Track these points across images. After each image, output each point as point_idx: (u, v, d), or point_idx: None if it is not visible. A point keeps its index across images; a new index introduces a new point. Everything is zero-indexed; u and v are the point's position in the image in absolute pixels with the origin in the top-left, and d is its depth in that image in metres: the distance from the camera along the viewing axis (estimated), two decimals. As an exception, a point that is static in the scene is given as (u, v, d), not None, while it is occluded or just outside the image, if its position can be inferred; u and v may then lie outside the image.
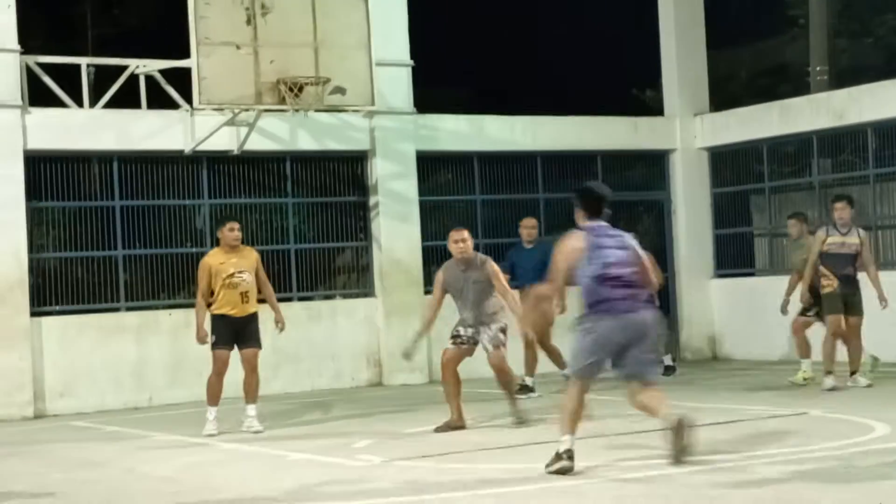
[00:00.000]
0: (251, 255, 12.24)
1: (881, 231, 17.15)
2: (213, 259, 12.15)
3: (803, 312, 14.19)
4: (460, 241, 11.61)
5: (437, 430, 11.43)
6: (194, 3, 14.32)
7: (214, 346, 12.06)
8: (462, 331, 11.69)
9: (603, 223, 8.93)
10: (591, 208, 8.96)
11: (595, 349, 8.80)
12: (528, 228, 14.78)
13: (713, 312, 18.75)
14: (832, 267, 13.53)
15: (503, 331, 11.68)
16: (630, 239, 8.99)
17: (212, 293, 12.11)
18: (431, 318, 11.79)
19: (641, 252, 8.96)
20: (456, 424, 11.49)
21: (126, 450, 11.49)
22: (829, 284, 13.54)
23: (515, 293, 12.62)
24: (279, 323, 12.30)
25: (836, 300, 13.53)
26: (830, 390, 13.14)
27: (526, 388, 13.90)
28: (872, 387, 13.35)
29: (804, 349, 14.20)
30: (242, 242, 12.32)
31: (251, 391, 12.15)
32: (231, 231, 12.11)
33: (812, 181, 17.91)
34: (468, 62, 27.07)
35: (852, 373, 13.61)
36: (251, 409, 12.16)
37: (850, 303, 13.58)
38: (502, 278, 11.68)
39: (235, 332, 12.07)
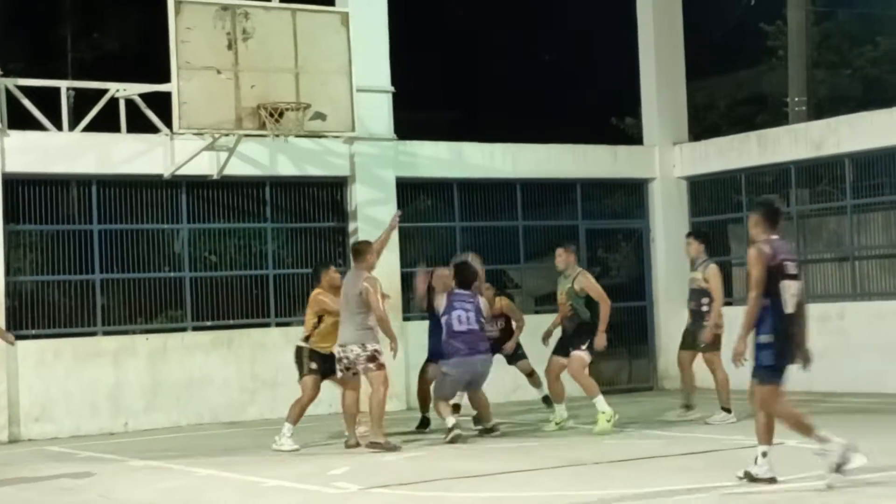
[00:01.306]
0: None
1: (857, 262, 17.23)
2: (325, 298, 12.61)
3: (558, 352, 13.45)
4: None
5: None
6: (175, 27, 14.32)
7: (314, 372, 12.61)
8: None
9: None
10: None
11: None
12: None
13: (691, 341, 18.78)
14: (688, 302, 13.88)
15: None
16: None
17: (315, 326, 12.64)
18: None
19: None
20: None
21: (101, 475, 11.40)
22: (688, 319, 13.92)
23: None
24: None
25: (685, 335, 13.94)
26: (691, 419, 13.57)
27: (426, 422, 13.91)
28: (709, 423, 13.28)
29: (559, 393, 13.47)
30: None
31: None
32: (336, 273, 12.83)
33: (790, 211, 17.99)
34: (448, 89, 27.17)
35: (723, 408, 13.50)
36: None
37: (696, 338, 13.69)
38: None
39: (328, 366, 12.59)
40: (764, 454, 8.93)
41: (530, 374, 14.76)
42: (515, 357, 14.76)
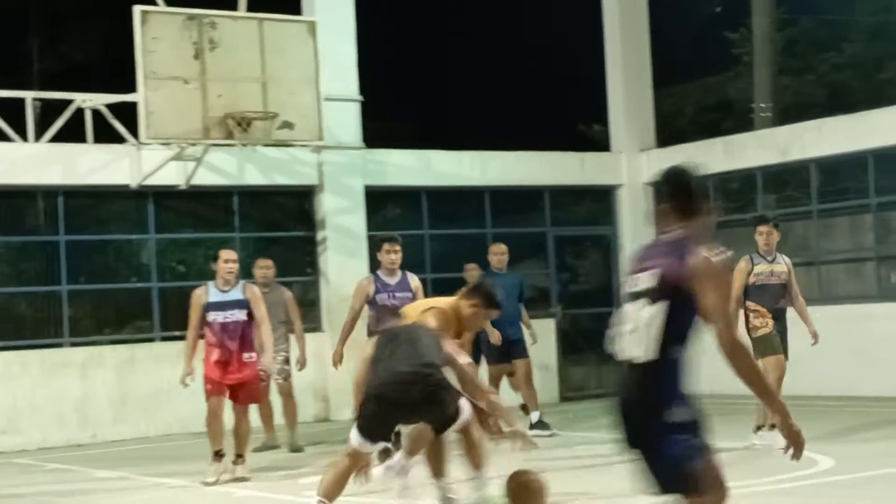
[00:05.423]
0: None
1: (823, 266, 17.34)
2: None
3: None
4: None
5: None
6: (142, 37, 14.29)
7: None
8: None
9: None
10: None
11: None
12: (499, 255, 14.21)
13: (660, 347, 18.87)
14: (763, 302, 11.51)
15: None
16: None
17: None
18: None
19: None
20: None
21: (68, 487, 11.35)
22: (764, 324, 11.50)
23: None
24: None
25: (774, 340, 11.48)
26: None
27: (542, 424, 13.61)
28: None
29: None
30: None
31: None
32: None
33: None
34: (416, 97, 27.18)
35: (758, 428, 11.71)
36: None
37: (783, 342, 11.57)
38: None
39: None
40: None
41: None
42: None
